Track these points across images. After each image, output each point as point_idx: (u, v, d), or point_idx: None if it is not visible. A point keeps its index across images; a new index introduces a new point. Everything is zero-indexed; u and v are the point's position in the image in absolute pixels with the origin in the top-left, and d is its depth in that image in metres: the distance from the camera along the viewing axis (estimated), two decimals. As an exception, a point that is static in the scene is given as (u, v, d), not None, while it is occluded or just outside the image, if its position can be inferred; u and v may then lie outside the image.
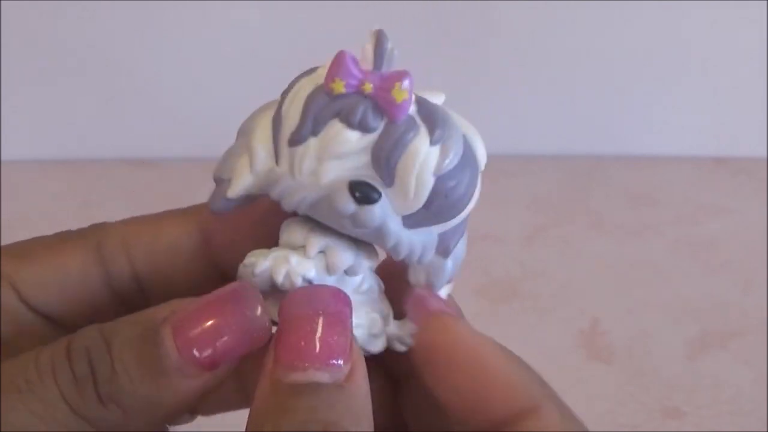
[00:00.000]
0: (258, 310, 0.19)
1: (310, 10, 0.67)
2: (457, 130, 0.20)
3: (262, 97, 0.22)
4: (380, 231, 0.20)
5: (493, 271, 0.60)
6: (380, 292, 0.22)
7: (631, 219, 0.67)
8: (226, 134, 0.23)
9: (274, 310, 0.20)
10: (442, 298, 0.22)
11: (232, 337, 0.19)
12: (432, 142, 0.20)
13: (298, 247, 0.21)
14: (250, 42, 0.68)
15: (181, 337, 0.19)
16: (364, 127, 0.19)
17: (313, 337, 0.18)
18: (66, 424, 0.18)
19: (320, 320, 0.19)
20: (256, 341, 0.19)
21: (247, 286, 0.20)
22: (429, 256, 0.21)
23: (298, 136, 0.20)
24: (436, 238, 0.21)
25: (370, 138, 0.20)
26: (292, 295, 0.19)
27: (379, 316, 0.22)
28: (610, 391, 0.51)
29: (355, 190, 0.19)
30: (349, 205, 0.19)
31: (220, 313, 0.19)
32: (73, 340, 0.19)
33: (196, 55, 0.70)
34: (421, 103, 0.20)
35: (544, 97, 0.72)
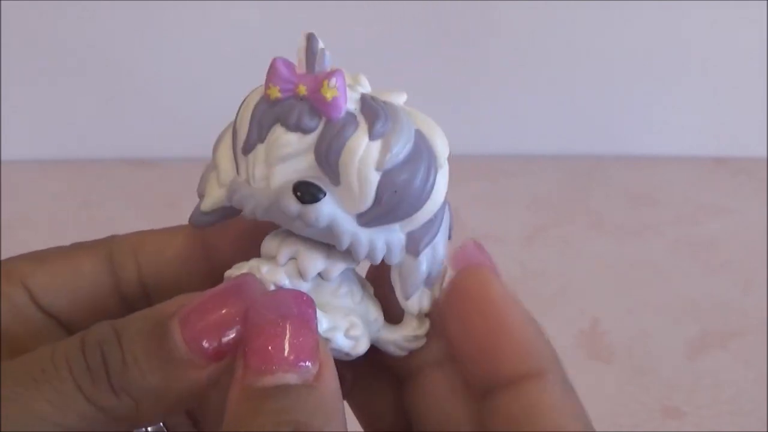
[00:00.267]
0: None
1: (310, 10, 0.67)
2: (403, 124, 0.20)
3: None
4: (332, 230, 0.20)
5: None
6: (365, 295, 0.22)
7: (631, 219, 0.67)
8: (226, 134, 0.23)
9: None
10: (485, 253, 0.22)
11: (235, 326, 0.19)
12: (372, 137, 0.20)
13: (273, 256, 0.21)
14: (250, 42, 0.68)
15: (188, 329, 0.19)
16: (302, 128, 0.20)
17: (279, 341, 0.19)
18: (82, 413, 0.19)
19: (284, 323, 0.19)
20: None
21: (250, 278, 0.21)
22: (397, 254, 0.21)
23: (248, 144, 0.20)
24: (402, 236, 0.21)
25: (311, 138, 0.20)
26: (256, 302, 0.20)
27: (360, 319, 0.22)
28: (610, 391, 0.51)
29: (297, 191, 0.20)
30: (294, 206, 0.20)
31: (224, 305, 0.20)
32: (87, 334, 0.20)
33: (196, 55, 0.70)
34: (365, 101, 0.20)
35: (544, 97, 0.72)
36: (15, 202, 0.67)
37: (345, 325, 0.21)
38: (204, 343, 0.19)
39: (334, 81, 0.19)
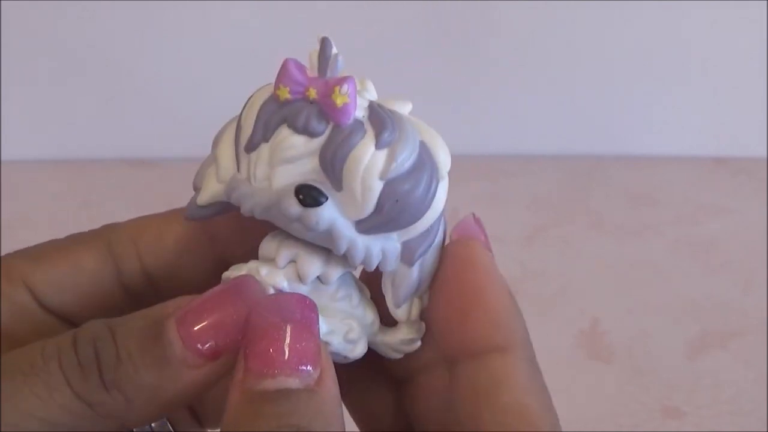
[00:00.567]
0: None
1: (310, 10, 0.67)
2: (409, 134, 0.20)
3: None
4: (330, 235, 0.20)
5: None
6: (362, 298, 0.22)
7: (631, 219, 0.67)
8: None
9: None
10: (481, 228, 0.23)
11: (233, 327, 0.19)
12: (378, 146, 0.20)
13: (271, 259, 0.21)
14: (250, 42, 0.68)
15: (185, 327, 0.19)
16: (309, 132, 0.20)
17: (281, 344, 0.19)
18: (69, 408, 0.19)
19: (287, 327, 0.19)
20: None
21: (249, 279, 0.20)
22: (392, 263, 0.21)
23: (252, 142, 0.20)
24: (398, 245, 0.21)
25: (317, 142, 0.20)
26: (259, 304, 0.20)
27: (357, 322, 0.22)
28: (610, 391, 0.51)
29: (299, 193, 0.20)
30: (295, 208, 0.20)
31: (222, 304, 0.20)
32: (80, 331, 0.20)
33: (196, 55, 0.70)
34: (373, 109, 0.20)
35: (544, 97, 0.72)
36: (15, 202, 0.67)
37: (343, 328, 0.22)
38: (200, 343, 0.19)
39: (346, 88, 0.19)
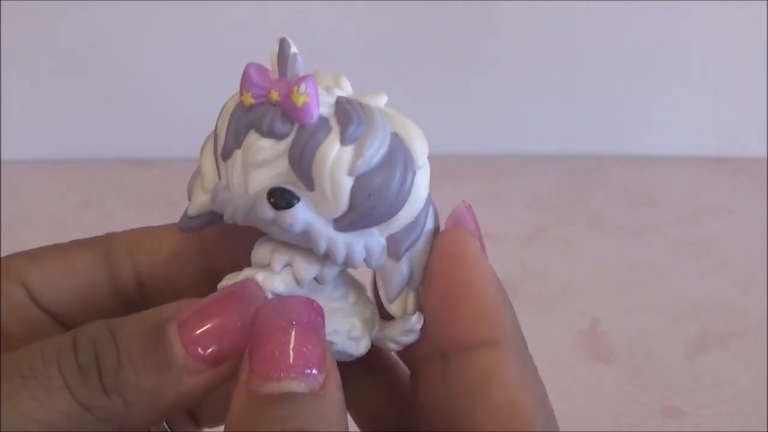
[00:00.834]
0: None
1: (311, 11, 0.67)
2: (378, 127, 0.20)
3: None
4: (307, 235, 0.20)
5: (493, 271, 0.60)
6: (359, 296, 0.22)
7: (631, 219, 0.67)
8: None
9: None
10: (472, 218, 0.22)
11: (235, 332, 0.19)
12: (344, 142, 0.19)
13: (266, 264, 0.21)
14: (250, 42, 0.68)
15: (186, 333, 0.19)
16: (275, 134, 0.20)
17: (288, 348, 0.19)
18: (67, 412, 0.19)
19: (294, 330, 0.19)
20: None
21: (251, 284, 0.20)
22: (377, 259, 0.21)
23: (226, 150, 0.20)
24: (382, 240, 0.21)
25: (285, 144, 0.20)
26: (265, 307, 0.20)
27: (358, 319, 0.22)
28: (610, 391, 0.51)
29: (271, 197, 0.19)
30: (269, 212, 0.19)
31: (224, 310, 0.20)
32: (80, 332, 0.20)
33: (196, 55, 0.70)
34: (339, 104, 0.20)
35: (544, 97, 0.72)
36: (15, 202, 0.67)
37: (346, 327, 0.22)
38: (202, 348, 0.19)
39: (303, 87, 0.19)
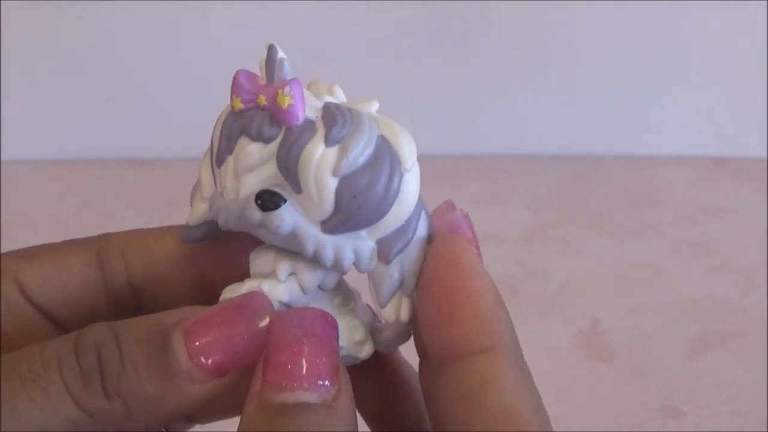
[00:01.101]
0: (267, 319, 0.20)
1: (311, 11, 0.67)
2: (364, 129, 0.20)
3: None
4: (294, 237, 0.20)
5: (493, 271, 0.59)
6: (357, 300, 0.23)
7: (631, 219, 0.67)
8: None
9: None
10: (467, 222, 0.22)
11: (241, 344, 0.19)
12: (328, 142, 0.19)
13: (269, 274, 0.21)
14: (250, 42, 0.68)
15: (192, 343, 0.19)
16: (263, 137, 0.20)
17: (301, 359, 0.19)
18: (66, 416, 0.19)
19: (308, 342, 0.19)
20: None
21: (257, 296, 0.20)
22: (366, 262, 0.21)
23: (219, 156, 0.21)
24: (371, 243, 0.21)
25: (273, 147, 0.20)
26: (280, 317, 0.20)
27: (360, 322, 0.22)
28: (610, 391, 0.51)
29: (258, 199, 0.20)
30: (256, 215, 0.20)
31: (230, 321, 0.19)
32: (82, 335, 0.19)
33: (196, 55, 0.70)
34: (326, 108, 0.20)
35: (544, 97, 0.72)
36: (15, 202, 0.67)
37: (350, 332, 0.22)
38: (207, 358, 0.19)
39: (288, 89, 0.19)
